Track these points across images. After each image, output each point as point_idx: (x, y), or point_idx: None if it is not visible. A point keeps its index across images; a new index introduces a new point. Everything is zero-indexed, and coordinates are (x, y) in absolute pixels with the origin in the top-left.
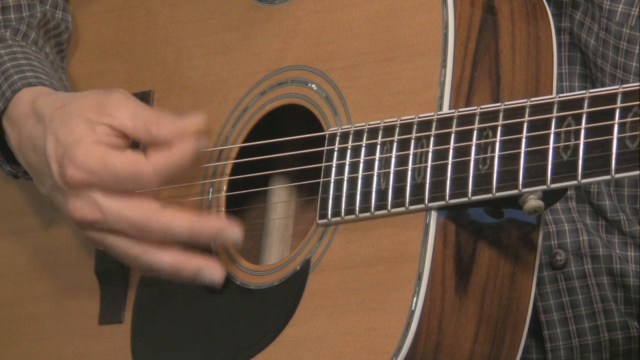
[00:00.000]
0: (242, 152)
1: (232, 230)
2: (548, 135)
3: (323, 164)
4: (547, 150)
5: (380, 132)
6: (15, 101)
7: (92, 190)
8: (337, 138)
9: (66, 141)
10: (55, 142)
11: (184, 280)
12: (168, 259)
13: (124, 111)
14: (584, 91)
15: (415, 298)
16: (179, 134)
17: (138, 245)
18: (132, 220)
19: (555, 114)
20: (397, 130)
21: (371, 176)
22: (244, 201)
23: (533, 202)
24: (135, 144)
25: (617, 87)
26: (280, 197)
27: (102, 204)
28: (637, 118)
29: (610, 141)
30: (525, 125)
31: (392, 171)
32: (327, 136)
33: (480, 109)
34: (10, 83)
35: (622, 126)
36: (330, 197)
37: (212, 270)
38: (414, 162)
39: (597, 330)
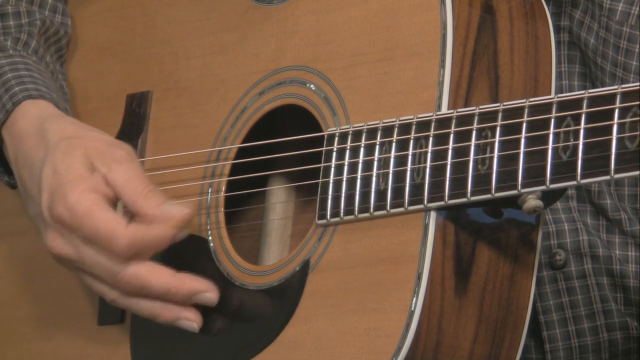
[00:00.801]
0: (241, 153)
1: (208, 294)
2: (547, 135)
3: (322, 165)
4: (546, 150)
5: (379, 133)
6: (19, 113)
7: (73, 235)
8: (336, 138)
9: (64, 177)
10: (52, 172)
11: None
12: (146, 306)
13: (122, 173)
14: (583, 91)
15: (414, 298)
16: (162, 220)
17: (114, 291)
18: (109, 269)
19: (554, 114)
20: (395, 130)
21: (370, 176)
22: (243, 201)
23: (532, 202)
24: None
25: (616, 87)
26: (279, 197)
27: (81, 248)
28: (637, 118)
29: (609, 141)
30: (524, 125)
31: (391, 171)
32: (325, 136)
33: (479, 109)
34: (11, 95)
35: (621, 126)
36: (329, 197)
37: (189, 321)
38: (413, 163)
39: (596, 331)
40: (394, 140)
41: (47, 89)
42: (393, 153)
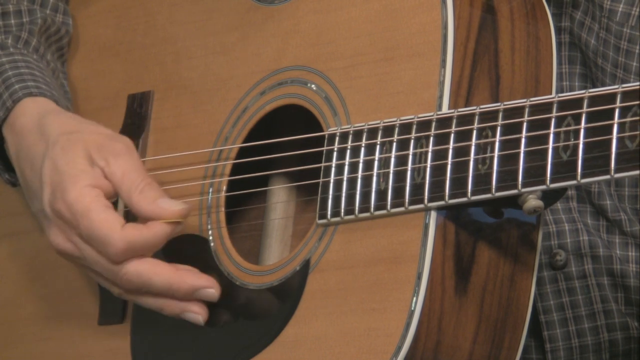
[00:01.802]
0: (242, 152)
1: (209, 291)
2: (547, 135)
3: (322, 164)
4: (546, 150)
5: (380, 132)
6: (19, 110)
7: (73, 231)
8: (337, 138)
9: (64, 173)
10: (53, 168)
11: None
12: (150, 301)
13: (120, 166)
14: (583, 91)
15: (414, 298)
16: (157, 216)
17: (118, 287)
18: (110, 268)
19: (554, 113)
20: (396, 130)
21: (370, 176)
22: (244, 201)
23: (533, 201)
24: None
25: (616, 86)
26: (280, 197)
27: (81, 245)
28: (637, 118)
29: (609, 141)
30: (524, 125)
31: (391, 171)
32: (326, 136)
33: (480, 109)
34: (11, 92)
35: (621, 126)
36: (330, 197)
37: (194, 314)
38: (414, 162)
39: (596, 331)
40: (395, 140)
41: (47, 86)
42: (394, 153)
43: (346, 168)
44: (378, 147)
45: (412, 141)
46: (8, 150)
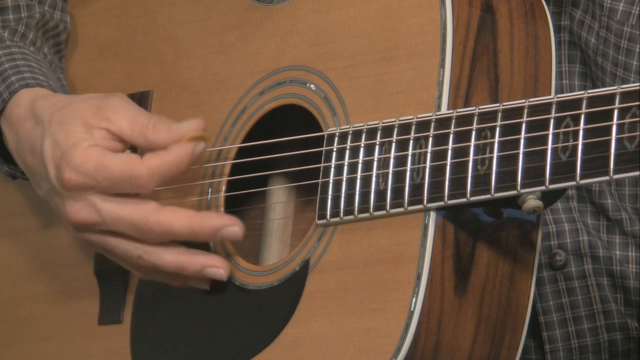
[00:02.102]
0: (241, 152)
1: (232, 228)
2: (546, 136)
3: (322, 165)
4: (545, 151)
5: (379, 133)
6: (14, 102)
7: (89, 193)
8: (336, 138)
9: (64, 145)
10: (53, 145)
11: (188, 277)
12: (171, 258)
13: (122, 116)
14: (582, 92)
15: (414, 298)
16: (176, 139)
17: (140, 246)
18: (130, 221)
19: (553, 114)
20: (395, 130)
21: (370, 177)
22: (243, 201)
23: (532, 202)
24: (133, 149)
25: (615, 87)
26: (280, 197)
27: (100, 206)
28: (636, 119)
29: (608, 142)
30: (523, 125)
31: (390, 172)
32: (325, 136)
33: (479, 109)
34: (7, 84)
35: (620, 127)
36: (329, 197)
37: (216, 267)
38: (413, 163)
39: (596, 332)
40: (394, 140)
41: (44, 77)
42: (393, 153)
43: (345, 168)
44: (377, 147)
45: (411, 141)
46: (7, 142)
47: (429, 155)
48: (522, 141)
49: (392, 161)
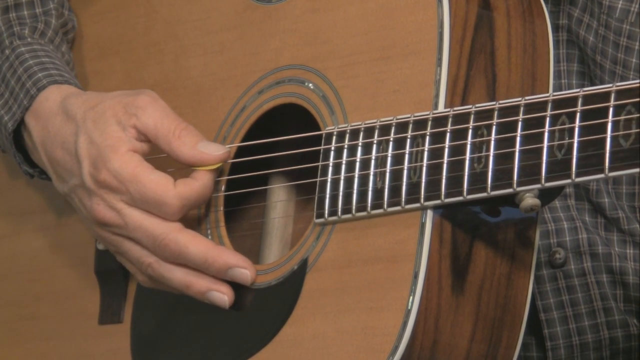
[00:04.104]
0: (240, 151)
1: (244, 271)
2: (542, 133)
3: (320, 163)
4: (541, 148)
5: (377, 131)
6: (43, 96)
7: (118, 198)
8: (334, 137)
9: (102, 144)
10: (89, 142)
11: (191, 295)
12: (180, 274)
13: (150, 116)
14: (577, 89)
15: (411, 297)
16: (199, 162)
17: (154, 256)
18: (151, 232)
19: (549, 112)
20: (392, 129)
21: (367, 175)
22: (243, 200)
23: (530, 200)
24: None
25: (610, 85)
26: (280, 196)
27: (125, 212)
28: (631, 116)
29: (604, 139)
30: (519, 123)
31: (388, 170)
32: (323, 135)
33: (475, 107)
34: (34, 80)
35: (615, 124)
36: (327, 196)
37: (221, 293)
38: (410, 161)
39: (597, 329)
40: (391, 138)
41: (69, 74)
42: (390, 152)
43: (343, 167)
44: (375, 146)
45: (408, 140)
46: (30, 139)
47: (425, 153)
48: (518, 139)
49: (389, 159)
